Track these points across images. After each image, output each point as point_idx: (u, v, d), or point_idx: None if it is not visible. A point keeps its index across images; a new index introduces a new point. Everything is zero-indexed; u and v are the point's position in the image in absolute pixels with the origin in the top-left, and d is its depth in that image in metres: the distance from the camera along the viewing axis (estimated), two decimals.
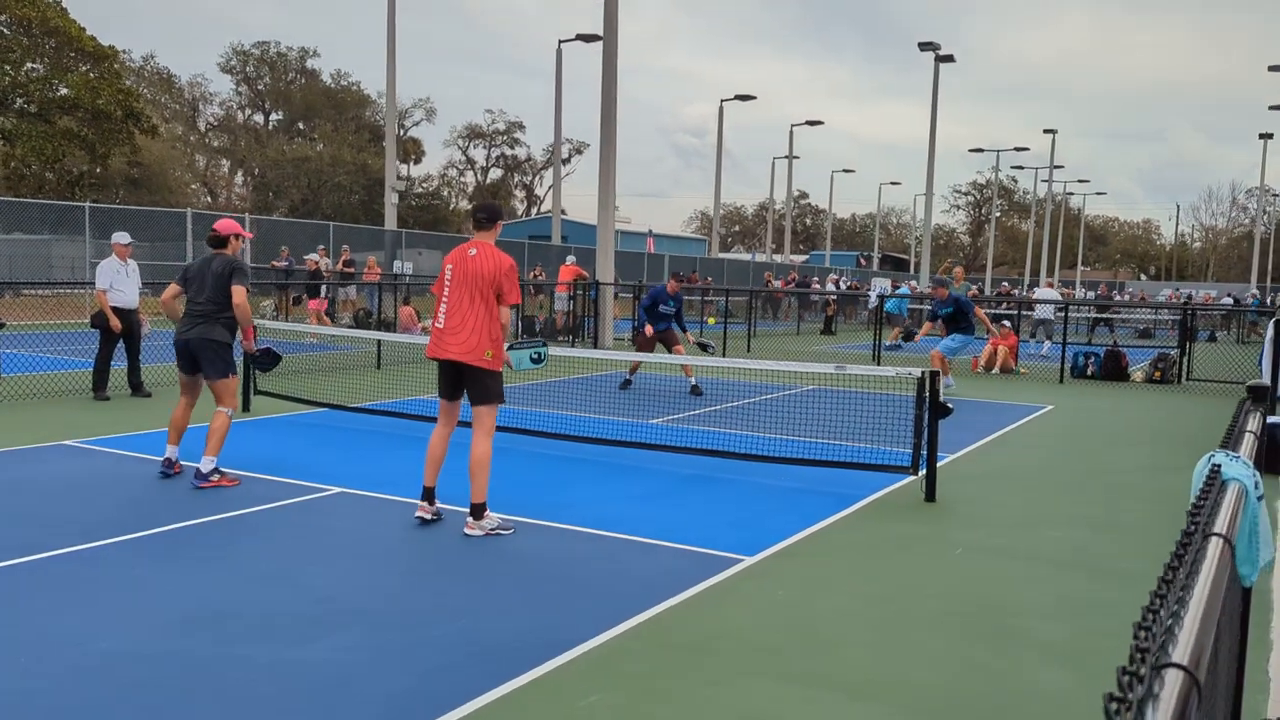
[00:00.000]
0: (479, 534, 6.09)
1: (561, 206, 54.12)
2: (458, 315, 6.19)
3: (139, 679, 3.97)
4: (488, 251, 6.27)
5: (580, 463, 8.49)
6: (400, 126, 70.52)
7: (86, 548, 5.62)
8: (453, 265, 6.27)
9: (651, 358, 12.54)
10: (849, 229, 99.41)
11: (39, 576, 5.14)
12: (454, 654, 4.34)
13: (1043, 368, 18.25)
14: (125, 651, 4.23)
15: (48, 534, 5.83)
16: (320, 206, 58.09)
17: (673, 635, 4.66)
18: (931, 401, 7.36)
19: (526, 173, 79.57)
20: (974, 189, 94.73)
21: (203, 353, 7.22)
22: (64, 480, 7.27)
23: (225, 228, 7.50)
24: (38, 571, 5.22)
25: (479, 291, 6.15)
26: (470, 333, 6.15)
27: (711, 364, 9.20)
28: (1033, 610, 5.23)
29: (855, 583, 5.59)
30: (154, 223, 27.42)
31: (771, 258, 55.86)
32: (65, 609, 4.70)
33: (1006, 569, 5.96)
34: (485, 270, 6.17)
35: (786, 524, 6.71)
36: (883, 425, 10.03)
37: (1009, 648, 4.69)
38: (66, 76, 34.62)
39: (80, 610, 4.69)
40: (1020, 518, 7.22)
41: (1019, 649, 4.68)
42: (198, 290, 7.32)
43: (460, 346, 6.15)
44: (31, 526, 6.01)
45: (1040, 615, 5.16)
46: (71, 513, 6.35)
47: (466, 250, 6.31)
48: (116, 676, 3.99)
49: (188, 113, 70.17)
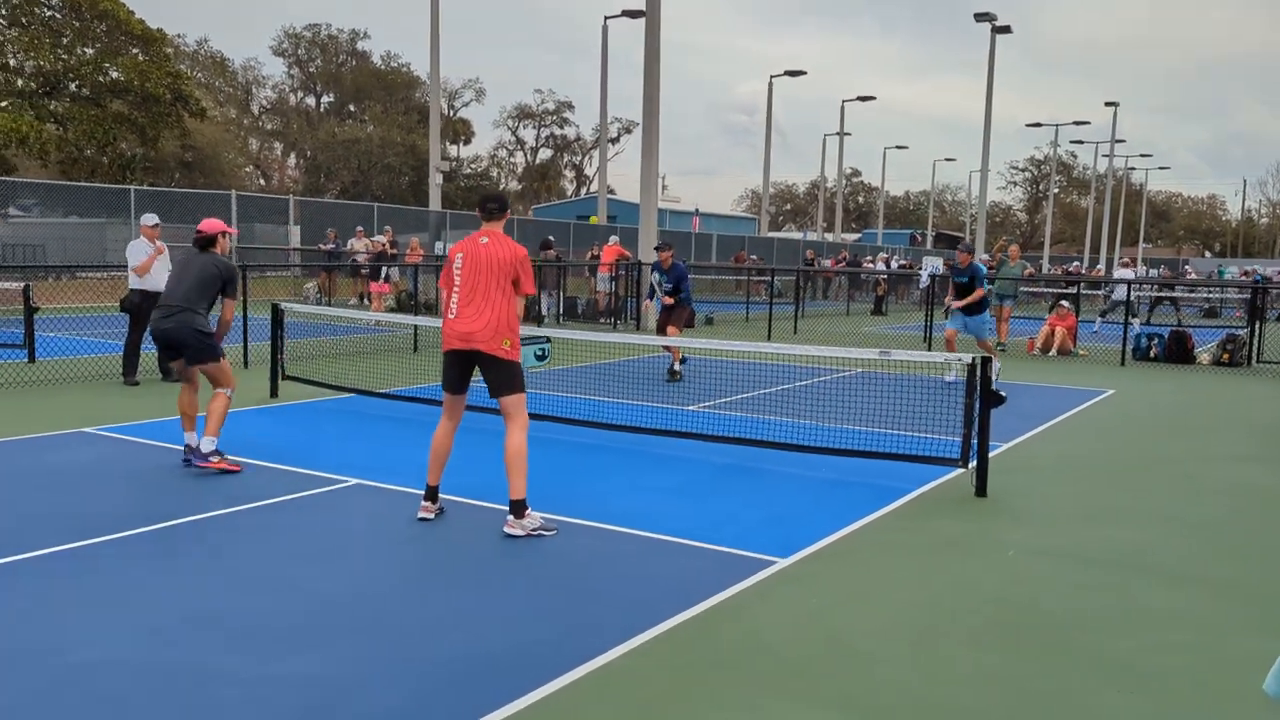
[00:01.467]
0: (521, 534, 5.72)
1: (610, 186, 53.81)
2: (473, 305, 5.83)
3: (109, 693, 3.66)
4: (501, 239, 5.96)
5: (612, 452, 8.11)
6: (450, 108, 70.59)
7: (83, 545, 5.35)
8: (463, 254, 5.91)
9: (683, 342, 11.68)
10: (902, 207, 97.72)
11: (27, 577, 4.88)
12: (450, 669, 3.98)
13: (1103, 350, 17.49)
14: (102, 662, 3.93)
15: (46, 530, 5.58)
16: (370, 188, 58.27)
17: (692, 649, 4.26)
18: (983, 389, 6.86)
19: (576, 152, 79.26)
20: (1031, 164, 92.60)
21: (188, 342, 7.05)
22: (76, 470, 7.04)
23: (210, 227, 7.36)
24: (26, 571, 4.95)
25: (494, 280, 5.82)
26: (488, 322, 5.80)
27: (750, 348, 8.72)
28: (1094, 621, 4.75)
29: (895, 588, 5.14)
30: (200, 205, 27.51)
31: (823, 236, 54.96)
32: (49, 613, 4.42)
33: (1064, 573, 5.47)
34: (501, 258, 5.85)
35: (825, 521, 6.27)
36: (931, 413, 9.51)
37: (1067, 666, 4.22)
38: (117, 60, 34.85)
39: (66, 614, 4.41)
40: (1079, 514, 6.70)
41: (1079, 667, 4.21)
42: (175, 283, 7.15)
43: (481, 334, 5.79)
44: (29, 521, 5.76)
45: (1103, 627, 4.68)
46: (75, 506, 6.10)
47: (477, 239, 5.96)
48: (86, 690, 3.69)
49: (241, 96, 70.81)
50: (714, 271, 36.31)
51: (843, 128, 51.28)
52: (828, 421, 9.47)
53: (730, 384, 11.90)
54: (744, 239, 43.88)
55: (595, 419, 8.79)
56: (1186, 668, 4.26)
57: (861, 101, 49.41)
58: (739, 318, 24.38)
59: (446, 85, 70.31)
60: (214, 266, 7.16)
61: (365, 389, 10.25)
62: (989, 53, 39.70)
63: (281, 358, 10.41)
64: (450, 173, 56.14)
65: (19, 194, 27.67)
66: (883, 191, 72.68)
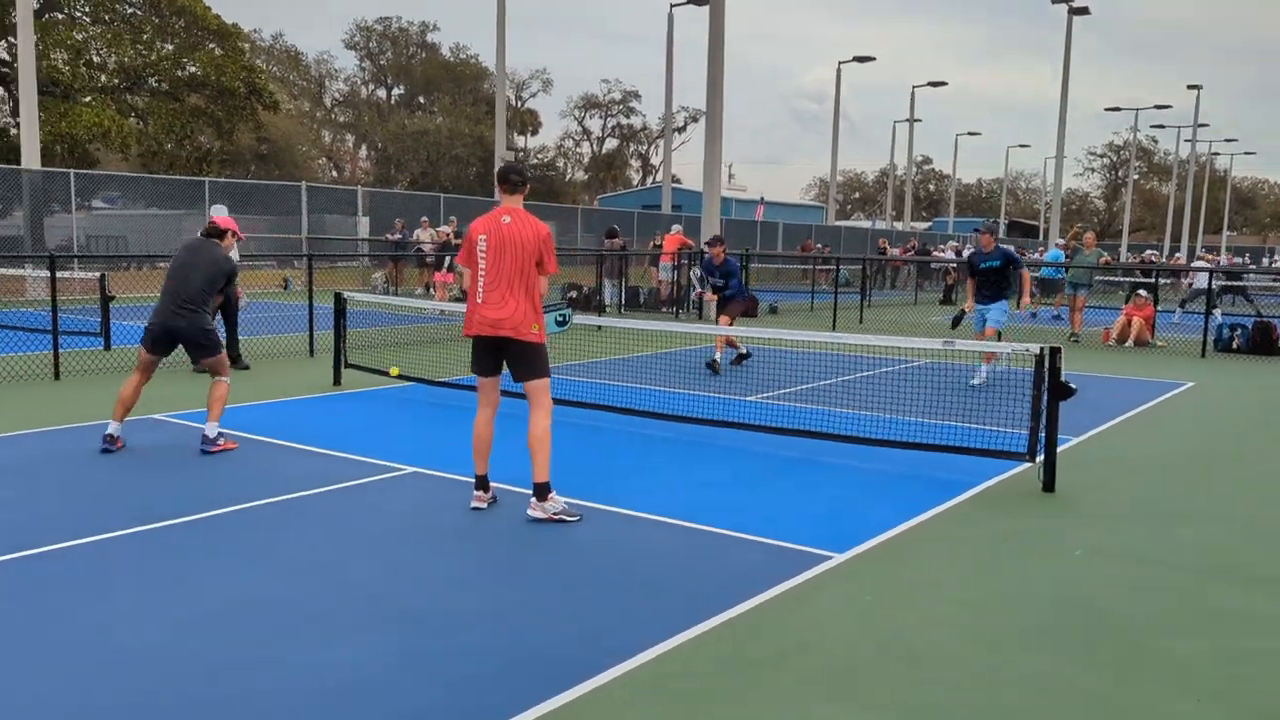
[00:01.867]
0: (542, 516, 5.72)
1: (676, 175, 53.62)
2: (500, 288, 5.70)
3: (147, 681, 3.68)
4: (523, 218, 5.78)
5: (668, 443, 8.01)
6: (517, 98, 70.98)
7: (139, 530, 5.42)
8: (486, 235, 5.75)
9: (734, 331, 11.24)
10: (974, 194, 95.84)
11: (85, 561, 4.95)
12: (490, 662, 3.93)
13: (1183, 341, 16.88)
14: (145, 648, 3.96)
15: (105, 515, 5.66)
16: (439, 179, 58.86)
17: (739, 647, 4.15)
18: (1051, 381, 6.62)
19: (642, 142, 79.14)
20: (1110, 150, 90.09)
21: (200, 340, 7.36)
22: (139, 456, 7.16)
23: (225, 223, 7.76)
24: (84, 556, 5.03)
25: (519, 261, 5.69)
26: (515, 308, 5.70)
27: (813, 338, 8.55)
28: (1166, 625, 4.53)
29: (955, 587, 4.97)
30: (272, 196, 28.01)
31: (892, 225, 54.14)
32: (101, 598, 4.47)
33: (1135, 574, 5.24)
34: (525, 237, 5.71)
35: (883, 516, 6.10)
36: (998, 405, 9.24)
37: (1136, 673, 4.03)
38: (194, 55, 35.61)
39: (116, 600, 4.46)
40: (1153, 512, 6.44)
41: (1149, 674, 4.01)
42: (184, 279, 7.32)
43: (509, 321, 5.70)
44: (90, 508, 5.86)
45: (1176, 632, 4.46)
46: (135, 493, 6.19)
47: (499, 218, 5.78)
48: (126, 677, 3.71)
49: (314, 90, 72.06)
50: (780, 260, 35.96)
51: (913, 114, 50.43)
52: (891, 413, 9.26)
53: (791, 374, 11.72)
54: (810, 228, 43.41)
55: (653, 409, 8.70)
56: (1264, 675, 4.04)
57: (933, 87, 48.49)
58: (804, 307, 24.08)
59: (514, 76, 70.76)
60: (222, 264, 7.47)
61: (427, 377, 10.28)
62: (1065, 35, 38.66)
63: (344, 346, 10.50)
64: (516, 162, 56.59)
65: (101, 186, 28.47)
66: (954, 179, 71.29)
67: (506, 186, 5.87)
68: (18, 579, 4.68)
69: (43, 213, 21.60)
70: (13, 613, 4.29)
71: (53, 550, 5.07)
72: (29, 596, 4.47)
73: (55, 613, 4.29)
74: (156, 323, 7.30)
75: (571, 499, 6.18)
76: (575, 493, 6.33)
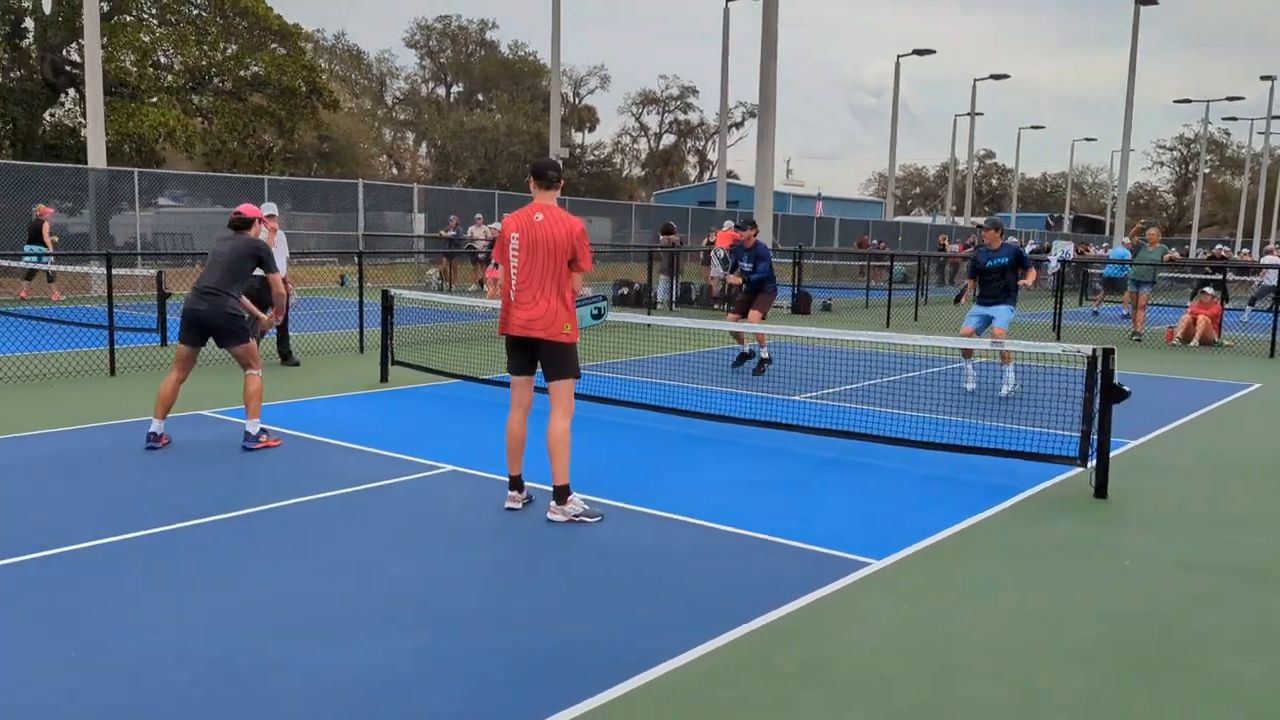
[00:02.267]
0: (562, 519, 5.65)
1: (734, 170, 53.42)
2: (531, 288, 5.64)
3: (172, 681, 3.68)
4: (556, 215, 5.69)
5: (708, 442, 7.91)
6: (574, 95, 71.18)
7: (174, 528, 5.46)
8: (519, 233, 5.68)
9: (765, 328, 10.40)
10: (1038, 189, 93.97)
11: (120, 558, 5.00)
12: (517, 666, 3.87)
13: (1251, 340, 16.32)
14: (172, 647, 3.96)
15: (142, 512, 5.72)
16: (496, 176, 59.23)
17: (769, 656, 4.04)
18: (1104, 383, 6.39)
19: (699, 138, 78.87)
20: (1180, 143, 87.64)
21: (225, 326, 7.31)
22: (183, 454, 7.24)
23: (250, 211, 7.65)
24: (120, 553, 5.07)
25: (551, 260, 5.61)
26: (547, 309, 5.64)
27: (856, 336, 8.37)
28: (1220, 640, 4.33)
29: (998, 596, 4.80)
30: (331, 194, 28.38)
31: (952, 220, 53.29)
32: (134, 596, 4.50)
33: (1189, 585, 5.03)
34: (558, 236, 5.62)
35: (927, 521, 5.94)
36: (1050, 406, 8.98)
37: (1185, 690, 3.84)
38: (256, 55, 36.21)
39: (148, 597, 4.48)
40: (1211, 520, 6.19)
41: (1198, 693, 3.83)
42: (210, 266, 7.38)
43: (540, 321, 5.64)
44: (128, 504, 5.93)
45: (1229, 647, 4.26)
46: (176, 490, 6.25)
47: (531, 215, 5.70)
48: (151, 677, 3.71)
49: (375, 88, 72.98)
50: (836, 256, 35.58)
51: (974, 107, 49.53)
52: (939, 414, 9.06)
53: (837, 373, 11.54)
54: (868, 223, 42.89)
55: (695, 407, 8.60)
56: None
57: (994, 80, 47.63)
58: (858, 304, 23.77)
59: (571, 73, 71.00)
60: (246, 246, 7.41)
61: (468, 374, 10.29)
62: (1132, 25, 37.70)
63: (391, 344, 10.55)
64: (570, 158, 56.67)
65: (166, 185, 29.09)
66: (1016, 173, 69.97)
67: (542, 182, 5.77)
68: (52, 575, 4.74)
69: (108, 210, 22.09)
70: (45, 611, 4.33)
71: (89, 547, 5.13)
72: (63, 593, 4.52)
73: (87, 610, 4.33)
74: (187, 311, 7.35)
75: (605, 499, 6.13)
76: (610, 492, 6.27)
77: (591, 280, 27.80)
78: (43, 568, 4.82)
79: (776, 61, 20.19)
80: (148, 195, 24.45)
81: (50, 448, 7.28)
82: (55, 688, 3.61)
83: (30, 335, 12.57)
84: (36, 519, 5.54)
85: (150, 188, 25.10)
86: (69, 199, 23.91)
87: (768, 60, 20.12)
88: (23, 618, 4.23)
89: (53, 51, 30.58)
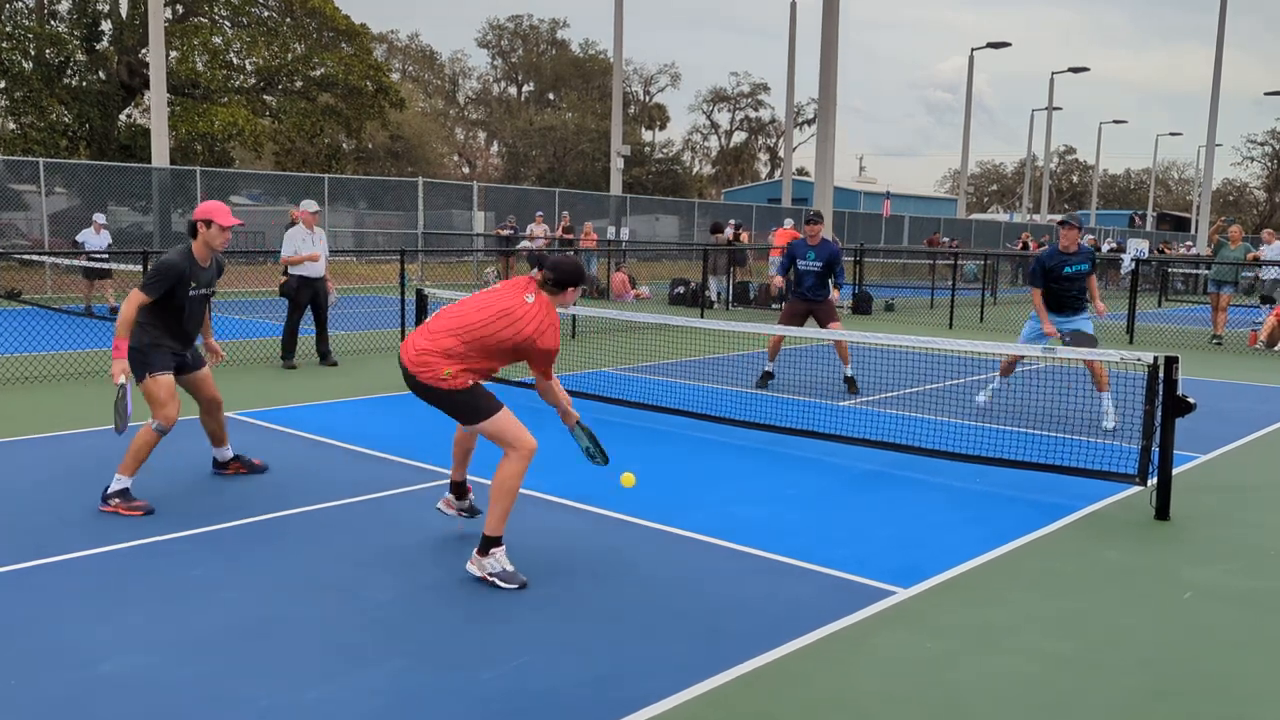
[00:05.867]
0: (476, 574, 4.73)
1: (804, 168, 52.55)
2: (453, 319, 4.78)
3: (112, 715, 3.42)
4: (542, 313, 4.79)
5: (742, 451, 7.49)
6: (644, 93, 70.91)
7: (155, 540, 5.21)
8: (504, 285, 4.95)
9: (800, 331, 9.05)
10: (1121, 186, 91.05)
11: (87, 574, 4.78)
12: (489, 707, 3.53)
13: None
14: (123, 676, 3.71)
15: (124, 524, 5.50)
16: (564, 174, 59.22)
17: (773, 699, 3.65)
18: (1166, 395, 5.84)
19: (770, 135, 78.00)
20: (1271, 138, 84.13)
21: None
22: (194, 459, 7.05)
23: (205, 212, 5.82)
24: (88, 568, 4.86)
25: (495, 335, 4.73)
26: (438, 345, 4.72)
27: (910, 341, 7.86)
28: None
29: (1035, 634, 4.33)
30: (390, 192, 28.48)
31: (1029, 218, 51.78)
32: (96, 614, 4.26)
33: (1257, 626, 4.49)
34: (523, 329, 4.73)
35: (965, 543, 5.47)
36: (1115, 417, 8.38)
37: None
38: (324, 55, 36.61)
39: (112, 616, 4.24)
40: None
41: None
42: None
43: (419, 353, 4.74)
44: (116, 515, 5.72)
45: None
46: (171, 498, 6.02)
47: (522, 294, 4.83)
48: (91, 710, 3.46)
49: (448, 88, 73.65)
50: (905, 255, 34.73)
51: (1051, 101, 48.03)
52: (989, 423, 8.51)
53: (889, 377, 11.01)
54: (939, 221, 41.83)
55: (737, 414, 8.19)
56: None
57: (1074, 73, 46.09)
58: (923, 303, 23.04)
59: (641, 71, 70.73)
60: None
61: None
62: (1219, 15, 36.12)
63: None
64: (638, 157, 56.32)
65: (240, 185, 29.53)
66: (1097, 169, 67.83)
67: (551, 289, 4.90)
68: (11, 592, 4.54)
69: (171, 209, 22.39)
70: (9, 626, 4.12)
71: (61, 560, 4.93)
72: (13, 610, 4.31)
73: (35, 629, 4.10)
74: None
75: (626, 515, 5.77)
76: (632, 508, 5.91)
77: (651, 279, 27.50)
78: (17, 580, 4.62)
79: (837, 66, 19.66)
80: (219, 194, 24.75)
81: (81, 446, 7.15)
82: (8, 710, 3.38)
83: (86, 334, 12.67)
84: (31, 526, 5.37)
85: (222, 186, 25.41)
86: (141, 198, 24.33)
87: (828, 64, 19.56)
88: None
89: (128, 54, 31.22)
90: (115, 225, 23.94)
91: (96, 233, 15.98)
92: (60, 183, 23.60)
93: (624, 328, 15.11)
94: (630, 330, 14.96)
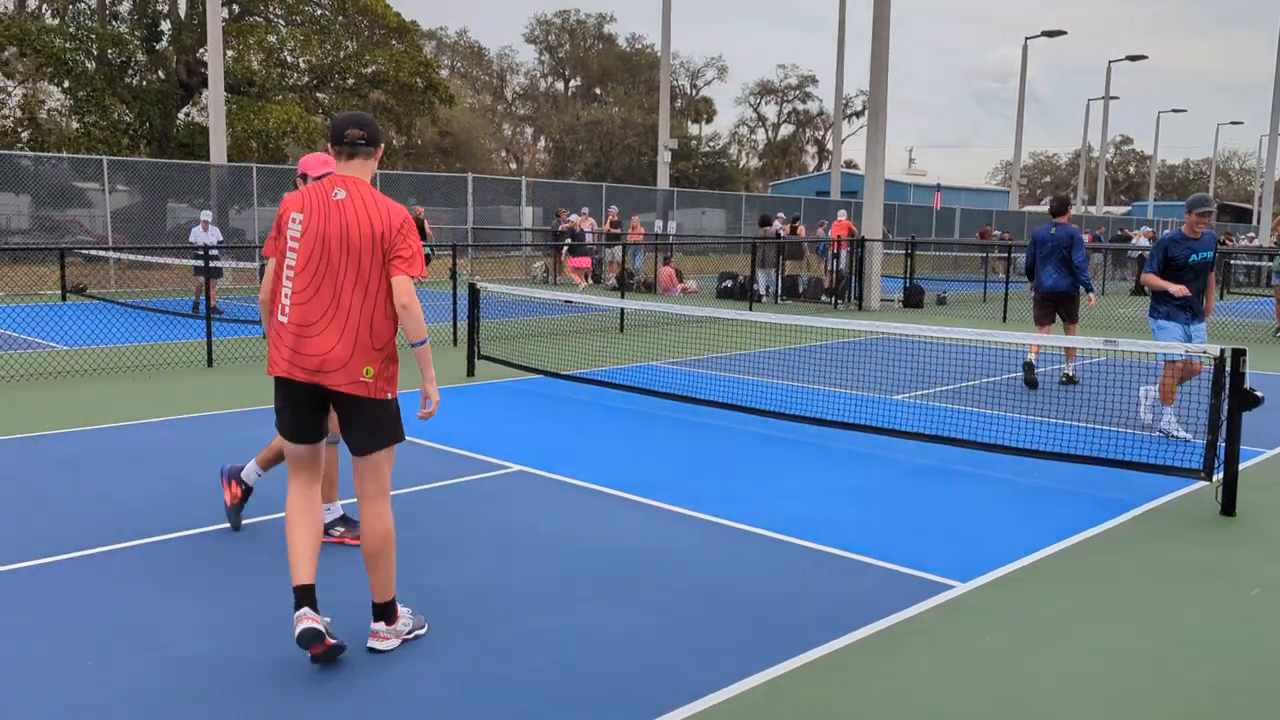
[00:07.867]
0: (394, 644, 3.89)
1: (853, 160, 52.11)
2: (319, 304, 3.71)
3: (147, 706, 3.49)
4: (366, 196, 3.74)
5: (793, 445, 7.45)
6: (691, 86, 70.72)
7: (170, 538, 5.31)
8: (304, 215, 3.74)
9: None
10: (1181, 176, 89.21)
11: (160, 560, 4.88)
12: (533, 700, 3.55)
13: None
14: (197, 658, 3.78)
15: (189, 512, 5.60)
16: (611, 169, 59.29)
17: (828, 693, 3.62)
18: (1233, 387, 5.71)
19: (819, 127, 77.45)
20: None
21: None
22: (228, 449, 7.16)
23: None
24: (161, 553, 4.96)
25: (353, 264, 3.70)
26: (342, 337, 3.71)
27: (960, 334, 7.74)
28: None
29: (1097, 631, 4.26)
30: (438, 188, 28.72)
31: (1085, 209, 50.90)
32: (165, 599, 4.35)
33: None
34: (363, 227, 3.69)
35: (1023, 539, 5.39)
36: (1177, 410, 8.21)
37: None
38: (375, 52, 37.00)
39: (181, 601, 4.33)
40: None
41: None
42: None
43: (333, 360, 3.70)
44: (184, 503, 5.82)
45: None
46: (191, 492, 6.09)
47: (327, 191, 3.74)
48: (166, 689, 3.53)
49: (496, 84, 74.06)
50: (957, 248, 34.32)
51: (1108, 90, 47.17)
52: (1049, 417, 8.38)
53: (942, 370, 10.88)
54: (991, 213, 41.27)
55: (786, 408, 8.15)
56: None
57: (1131, 62, 45.22)
58: (975, 297, 22.74)
59: (688, 64, 70.58)
60: None
61: (549, 370, 10.04)
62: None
63: (477, 338, 10.40)
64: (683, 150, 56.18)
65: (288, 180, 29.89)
66: (1155, 160, 66.49)
67: (342, 149, 3.78)
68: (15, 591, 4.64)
69: (228, 205, 22.77)
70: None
71: (132, 546, 5.03)
72: (103, 593, 4.41)
73: (112, 615, 4.19)
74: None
75: (676, 506, 5.77)
76: (682, 499, 5.91)
77: (698, 273, 27.46)
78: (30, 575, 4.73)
79: (888, 58, 19.43)
80: (274, 191, 25.09)
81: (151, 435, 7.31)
82: (62, 705, 3.46)
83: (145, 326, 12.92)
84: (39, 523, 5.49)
85: (277, 183, 25.80)
86: (200, 194, 24.79)
87: (879, 56, 19.35)
88: None
89: (187, 53, 31.78)
90: (174, 221, 24.42)
91: (205, 230, 15.24)
92: (122, 180, 24.12)
93: (674, 321, 15.10)
94: (679, 324, 14.94)
